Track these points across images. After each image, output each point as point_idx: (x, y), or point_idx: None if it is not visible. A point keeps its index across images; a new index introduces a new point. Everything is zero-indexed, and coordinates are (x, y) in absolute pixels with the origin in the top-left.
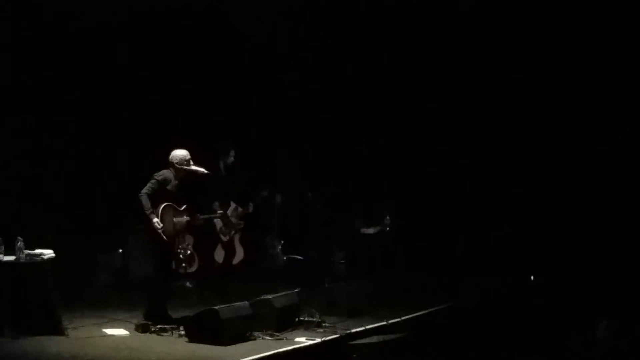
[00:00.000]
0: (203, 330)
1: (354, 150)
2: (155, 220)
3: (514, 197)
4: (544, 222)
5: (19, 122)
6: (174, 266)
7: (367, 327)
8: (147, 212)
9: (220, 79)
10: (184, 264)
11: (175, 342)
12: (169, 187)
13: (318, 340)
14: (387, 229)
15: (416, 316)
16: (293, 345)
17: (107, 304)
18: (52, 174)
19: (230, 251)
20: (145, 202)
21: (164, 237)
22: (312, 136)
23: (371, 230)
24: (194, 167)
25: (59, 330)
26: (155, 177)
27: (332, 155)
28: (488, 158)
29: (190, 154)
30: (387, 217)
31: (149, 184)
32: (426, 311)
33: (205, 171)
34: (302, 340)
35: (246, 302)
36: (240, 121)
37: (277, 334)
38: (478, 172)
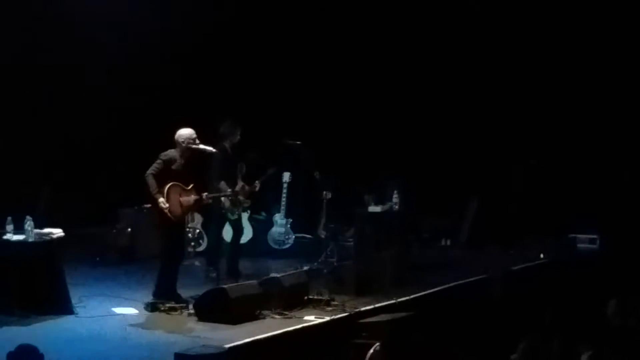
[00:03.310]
0: (212, 309)
1: (362, 129)
2: (161, 200)
3: (520, 173)
4: (552, 197)
5: (28, 103)
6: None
7: (376, 305)
8: (153, 193)
9: (228, 57)
10: (192, 243)
11: (184, 321)
12: (174, 167)
13: (327, 318)
14: (396, 207)
15: (425, 294)
16: (302, 323)
17: (116, 283)
18: (61, 154)
19: (238, 230)
20: (151, 182)
21: (171, 217)
22: (321, 114)
23: (378, 208)
24: (201, 146)
25: (68, 310)
26: (161, 157)
27: (340, 134)
28: (492, 137)
29: (197, 133)
30: (395, 195)
31: (154, 164)
32: (435, 289)
33: (213, 150)
34: (311, 319)
35: (255, 281)
36: (247, 99)
37: (285, 312)
38: (484, 150)
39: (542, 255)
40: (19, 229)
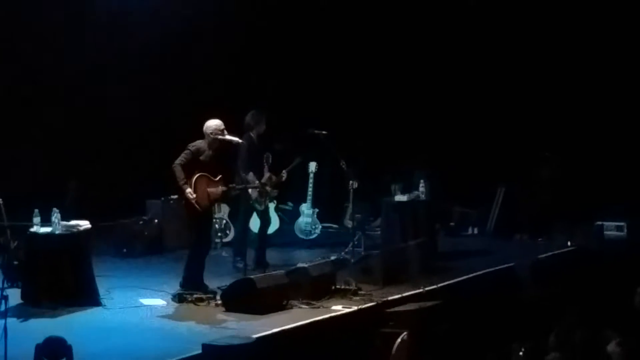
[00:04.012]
0: (239, 300)
1: (389, 118)
2: (188, 190)
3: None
4: (579, 185)
5: (55, 95)
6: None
7: (403, 294)
8: (181, 183)
9: (254, 47)
10: (219, 234)
11: (211, 312)
12: (202, 158)
13: (354, 308)
14: (422, 196)
15: (452, 283)
16: (329, 313)
17: (143, 274)
18: (88, 145)
19: (265, 220)
20: (179, 173)
21: (198, 207)
22: (347, 103)
23: (405, 198)
24: (228, 137)
25: (96, 301)
26: (189, 148)
27: (367, 123)
28: (519, 125)
29: (225, 124)
30: (422, 184)
31: (182, 155)
32: (462, 278)
33: (240, 140)
34: (339, 309)
35: (282, 271)
36: (273, 89)
37: (313, 302)
38: (511, 139)
39: (569, 243)
40: (46, 221)
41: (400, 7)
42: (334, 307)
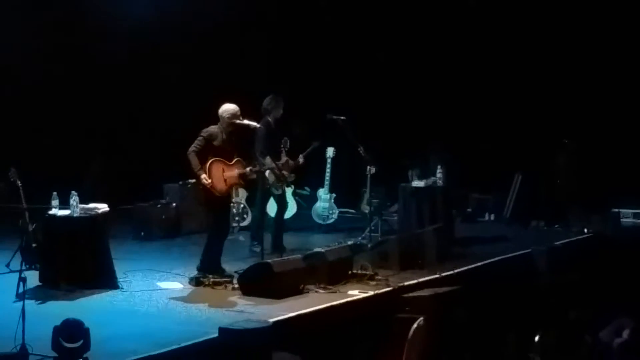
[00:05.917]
0: (256, 284)
1: (407, 104)
2: (203, 176)
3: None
4: (596, 172)
5: (77, 80)
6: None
7: (420, 280)
8: (196, 170)
9: (271, 33)
10: (237, 218)
11: (228, 295)
12: (216, 143)
13: (371, 293)
14: (439, 182)
15: (468, 269)
16: (346, 298)
17: (160, 258)
18: (106, 130)
19: (282, 205)
20: (193, 159)
21: (215, 192)
22: (366, 89)
23: (422, 183)
24: (245, 122)
25: (114, 284)
26: (202, 134)
27: (385, 109)
28: (537, 112)
29: (241, 108)
30: (439, 170)
31: (195, 142)
32: (478, 264)
33: (257, 125)
34: (355, 293)
35: (299, 256)
36: (292, 74)
37: (330, 287)
38: (529, 125)
39: (586, 230)
40: (64, 204)
41: None
42: (350, 292)
